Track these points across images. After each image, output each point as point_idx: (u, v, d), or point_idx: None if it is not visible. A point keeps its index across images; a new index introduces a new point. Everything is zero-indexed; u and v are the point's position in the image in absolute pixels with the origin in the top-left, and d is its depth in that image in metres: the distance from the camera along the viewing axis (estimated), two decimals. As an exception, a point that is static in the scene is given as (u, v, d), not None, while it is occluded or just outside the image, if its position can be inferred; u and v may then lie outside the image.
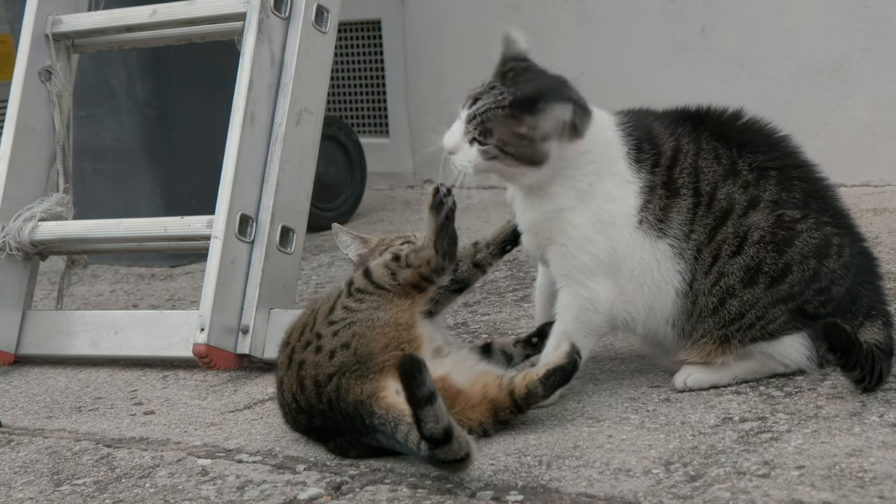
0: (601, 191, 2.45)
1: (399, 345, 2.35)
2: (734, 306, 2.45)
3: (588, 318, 2.49)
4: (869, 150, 4.34)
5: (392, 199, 5.18)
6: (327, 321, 2.41)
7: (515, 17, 5.04)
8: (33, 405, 3.01)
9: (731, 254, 2.45)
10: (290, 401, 2.42)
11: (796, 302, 2.46)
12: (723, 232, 2.46)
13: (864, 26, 4.34)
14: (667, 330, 2.50)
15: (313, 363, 2.37)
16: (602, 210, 2.45)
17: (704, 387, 2.52)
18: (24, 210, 3.39)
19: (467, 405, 2.36)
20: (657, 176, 2.47)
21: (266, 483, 2.35)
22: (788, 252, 2.44)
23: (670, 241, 2.46)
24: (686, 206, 2.46)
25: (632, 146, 2.48)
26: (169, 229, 3.24)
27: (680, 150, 2.49)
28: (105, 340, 3.27)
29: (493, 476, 2.24)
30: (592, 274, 2.46)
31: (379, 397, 2.29)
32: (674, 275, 2.46)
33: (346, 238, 2.71)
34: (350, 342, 2.35)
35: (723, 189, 2.47)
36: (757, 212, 2.46)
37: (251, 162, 3.13)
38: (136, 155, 4.35)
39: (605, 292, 2.47)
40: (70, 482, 2.47)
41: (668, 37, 4.69)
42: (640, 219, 2.45)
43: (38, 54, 3.46)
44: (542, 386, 2.38)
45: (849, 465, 2.10)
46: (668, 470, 2.17)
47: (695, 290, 2.47)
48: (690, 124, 2.52)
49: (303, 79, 3.18)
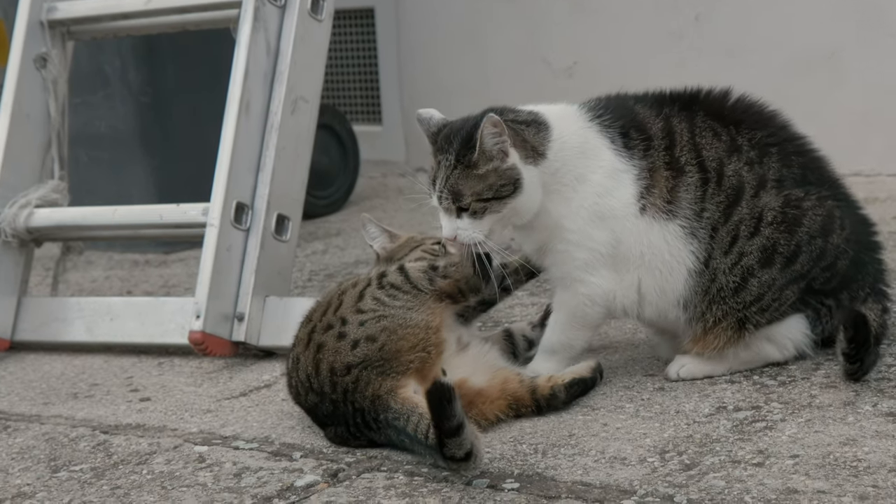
0: (591, 189, 2.44)
1: (426, 347, 2.35)
2: (754, 286, 2.46)
3: (584, 313, 2.50)
4: (860, 139, 4.36)
5: (385, 187, 5.18)
6: (356, 308, 2.40)
7: (509, 6, 5.05)
8: (29, 391, 3.02)
9: (750, 234, 2.46)
10: (304, 380, 2.41)
11: (806, 280, 2.48)
12: (738, 213, 2.45)
13: (857, 16, 4.35)
14: (678, 313, 2.50)
15: (333, 349, 2.37)
16: (598, 206, 2.44)
17: (698, 377, 2.53)
18: (20, 197, 3.39)
19: (486, 402, 2.38)
20: (653, 159, 2.46)
21: (263, 470, 2.36)
22: (798, 232, 2.46)
23: (681, 222, 2.45)
24: (694, 182, 2.45)
25: (616, 135, 2.47)
26: (164, 217, 3.25)
27: (673, 130, 2.48)
28: (100, 327, 3.28)
29: (490, 464, 2.25)
30: (593, 269, 2.46)
31: (397, 393, 2.30)
32: (686, 255, 2.46)
33: (375, 230, 2.71)
34: (378, 336, 2.34)
35: (729, 166, 2.47)
36: (766, 192, 2.46)
37: (247, 150, 3.14)
38: (130, 142, 4.35)
39: (606, 284, 2.47)
40: (67, 468, 2.48)
41: (661, 26, 4.70)
42: (642, 205, 2.44)
43: (34, 41, 3.46)
44: (565, 392, 2.44)
45: (843, 454, 2.12)
46: (664, 458, 2.19)
47: (712, 269, 2.46)
48: (679, 104, 2.52)
49: (298, 67, 3.19)
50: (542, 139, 2.42)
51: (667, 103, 2.52)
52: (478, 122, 2.36)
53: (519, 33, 5.04)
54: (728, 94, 2.55)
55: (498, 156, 2.36)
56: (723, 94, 2.55)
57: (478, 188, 2.36)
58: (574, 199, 2.44)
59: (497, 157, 2.36)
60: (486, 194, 2.36)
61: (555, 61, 4.98)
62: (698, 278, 2.46)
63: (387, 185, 5.23)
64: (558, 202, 2.44)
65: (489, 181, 2.36)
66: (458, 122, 2.44)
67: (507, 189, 2.37)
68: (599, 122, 2.48)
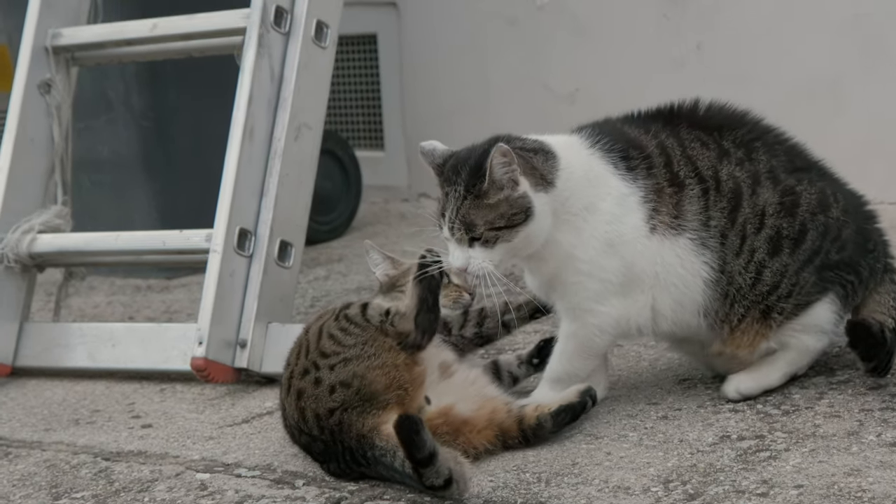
0: (601, 217, 2.43)
1: (401, 384, 2.34)
2: (769, 276, 2.47)
3: (594, 343, 2.49)
4: (862, 167, 4.32)
5: (387, 213, 5.18)
6: (319, 351, 2.40)
7: (511, 32, 5.06)
8: (31, 417, 3.01)
9: (756, 230, 2.47)
10: (294, 424, 2.43)
11: (819, 258, 2.49)
12: (742, 214, 2.47)
13: (859, 44, 4.36)
14: (699, 321, 2.50)
15: (313, 396, 2.36)
16: (608, 234, 2.43)
17: (756, 393, 2.53)
18: (23, 222, 3.39)
19: (473, 431, 2.37)
20: (657, 178, 2.46)
21: (265, 498, 2.35)
22: (798, 213, 2.49)
23: (690, 235, 2.45)
24: (696, 194, 2.46)
25: (618, 159, 2.47)
26: (167, 243, 3.25)
27: (666, 146, 2.49)
28: (102, 353, 3.28)
29: (493, 493, 2.24)
30: (604, 299, 2.46)
31: (380, 430, 2.30)
32: (700, 266, 2.46)
33: (377, 256, 2.68)
34: (351, 382, 2.33)
35: (723, 171, 2.48)
36: (762, 187, 2.49)
37: (250, 176, 3.14)
38: (132, 167, 4.35)
39: (616, 312, 2.46)
40: (69, 496, 2.47)
41: (663, 54, 4.71)
42: (652, 226, 2.44)
43: (38, 67, 3.47)
44: (552, 421, 2.42)
45: (847, 484, 2.11)
46: (667, 488, 2.18)
47: (728, 273, 2.47)
48: (661, 121, 2.54)
49: (302, 93, 3.20)
50: (550, 167, 2.41)
51: (650, 121, 2.54)
52: (486, 151, 2.35)
53: (521, 60, 5.05)
54: (698, 104, 2.58)
55: (508, 184, 2.35)
56: (693, 103, 2.58)
57: (490, 217, 2.35)
58: (585, 228, 2.43)
59: (508, 186, 2.35)
60: (498, 223, 2.35)
61: (556, 87, 4.99)
62: (715, 286, 2.47)
63: (389, 210, 5.23)
64: (568, 232, 2.43)
65: (500, 210, 2.35)
66: (464, 152, 2.44)
67: (518, 217, 2.36)
68: (600, 148, 2.48)
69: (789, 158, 2.55)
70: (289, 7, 3.21)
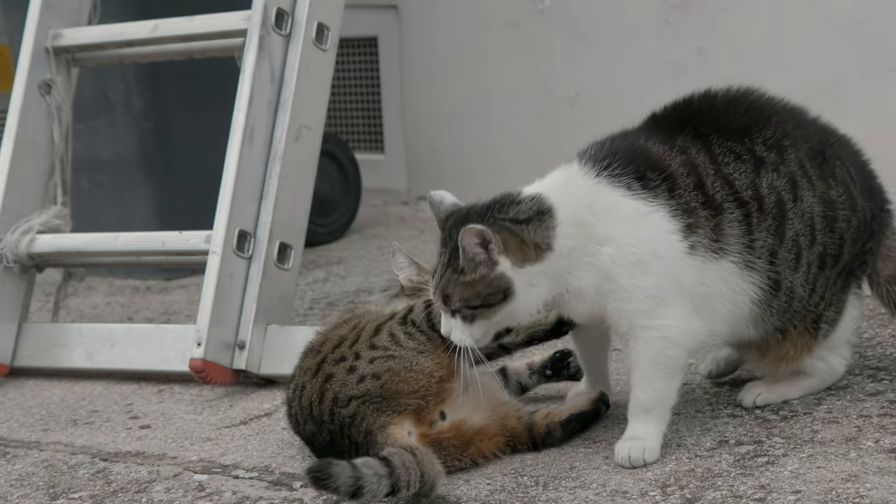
0: (619, 244, 2.28)
1: (424, 395, 2.33)
2: (820, 287, 2.43)
3: (667, 356, 2.31)
4: (862, 173, 4.36)
5: (387, 215, 5.18)
6: (370, 344, 2.39)
7: (512, 36, 5.06)
8: (29, 418, 3.01)
9: (809, 244, 2.41)
10: (306, 407, 2.41)
11: (851, 263, 2.48)
12: (791, 227, 2.38)
13: (859, 50, 4.36)
14: (748, 332, 2.41)
15: (341, 381, 2.36)
16: (635, 255, 2.27)
17: (775, 402, 2.52)
18: (22, 222, 3.39)
19: (484, 439, 2.36)
20: (685, 199, 2.31)
21: (263, 500, 2.35)
22: (837, 228, 2.44)
23: (733, 258, 2.32)
24: (736, 218, 2.33)
25: (631, 180, 2.31)
26: (167, 244, 3.25)
27: (696, 165, 2.35)
28: (101, 353, 3.27)
29: (490, 496, 2.24)
30: (657, 314, 2.28)
31: (387, 430, 2.30)
32: (747, 286, 2.34)
33: (403, 260, 2.60)
34: (382, 375, 2.33)
35: (762, 184, 2.37)
36: (802, 190, 2.39)
37: (250, 178, 3.14)
38: (132, 168, 4.34)
39: (675, 322, 2.30)
40: (66, 496, 2.47)
41: (664, 58, 4.71)
42: (691, 244, 2.29)
43: (39, 67, 3.47)
44: (561, 429, 2.43)
45: (845, 490, 2.11)
46: (665, 492, 2.18)
47: (786, 288, 2.38)
48: (687, 130, 2.39)
49: (303, 96, 3.20)
50: (545, 233, 2.27)
51: (675, 131, 2.39)
52: (456, 230, 2.24)
53: (522, 63, 5.05)
54: (715, 98, 2.45)
55: (485, 264, 2.23)
56: (710, 99, 2.45)
57: (465, 295, 2.24)
58: (603, 262, 2.28)
59: (484, 265, 2.23)
60: (473, 302, 2.24)
61: (557, 91, 4.99)
62: (765, 304, 2.37)
63: (388, 213, 5.23)
64: (588, 275, 2.29)
65: (476, 289, 2.23)
66: (464, 212, 2.32)
67: (495, 297, 2.24)
68: (608, 174, 2.31)
69: (808, 144, 2.45)
70: (290, 9, 3.21)
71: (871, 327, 2.98)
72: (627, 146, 2.37)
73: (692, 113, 2.43)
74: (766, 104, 2.48)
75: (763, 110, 2.46)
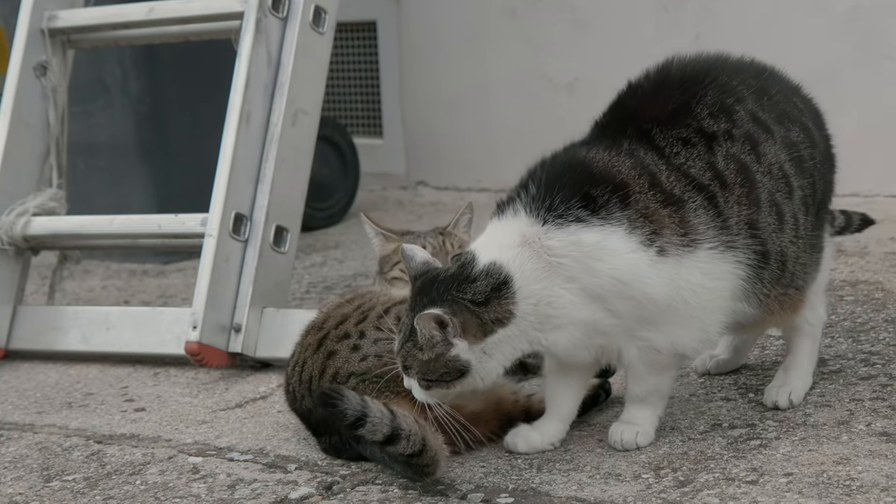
0: (581, 283, 2.20)
1: None
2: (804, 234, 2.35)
3: (654, 360, 2.27)
4: (858, 159, 4.34)
5: (385, 200, 5.18)
6: (376, 325, 2.39)
7: (511, 22, 5.06)
8: (23, 400, 3.01)
9: (787, 197, 2.31)
10: (306, 381, 2.41)
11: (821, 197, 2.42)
12: (763, 187, 2.27)
13: (855, 37, 4.36)
14: (744, 309, 2.30)
15: (344, 358, 2.38)
16: (601, 287, 2.20)
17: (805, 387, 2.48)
18: (17, 205, 3.39)
19: (480, 423, 2.35)
20: (640, 204, 2.20)
21: (257, 482, 2.35)
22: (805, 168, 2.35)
23: (709, 245, 2.22)
24: (700, 205, 2.23)
25: (580, 209, 2.19)
26: (163, 227, 3.25)
27: (646, 164, 2.23)
28: (96, 336, 3.27)
29: (484, 478, 2.25)
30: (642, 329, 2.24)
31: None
32: (733, 268, 2.25)
33: (370, 230, 2.75)
34: (384, 356, 2.33)
35: (718, 160, 2.25)
36: (763, 145, 2.28)
37: (246, 161, 3.14)
38: (128, 152, 4.34)
39: (664, 335, 2.24)
40: (60, 478, 2.47)
41: (662, 44, 4.71)
42: (658, 249, 2.19)
43: (34, 49, 3.46)
44: None
45: (836, 473, 2.12)
46: (658, 475, 2.19)
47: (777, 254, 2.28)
48: (632, 131, 2.27)
49: (299, 79, 3.19)
50: (505, 307, 2.20)
51: (616, 132, 2.28)
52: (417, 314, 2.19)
53: (520, 48, 5.05)
54: (639, 88, 2.36)
55: (442, 344, 2.19)
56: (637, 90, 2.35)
57: (422, 369, 2.22)
58: (572, 303, 2.21)
59: (441, 345, 2.19)
60: (430, 376, 2.22)
61: (555, 77, 4.99)
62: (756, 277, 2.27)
63: (387, 198, 5.23)
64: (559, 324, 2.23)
65: (432, 366, 2.21)
66: (432, 275, 2.25)
67: (451, 375, 2.21)
68: (554, 217, 2.20)
69: (753, 92, 2.33)
70: (287, -9, 3.21)
71: (865, 312, 2.99)
72: (567, 169, 2.24)
73: (628, 113, 2.33)
74: (693, 69, 2.36)
75: (695, 77, 2.33)
